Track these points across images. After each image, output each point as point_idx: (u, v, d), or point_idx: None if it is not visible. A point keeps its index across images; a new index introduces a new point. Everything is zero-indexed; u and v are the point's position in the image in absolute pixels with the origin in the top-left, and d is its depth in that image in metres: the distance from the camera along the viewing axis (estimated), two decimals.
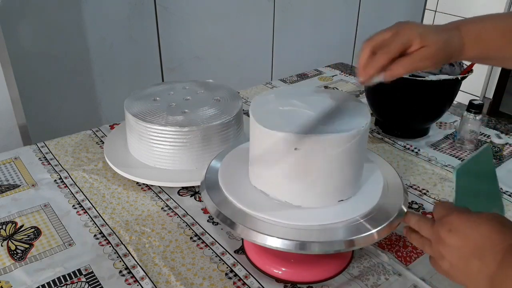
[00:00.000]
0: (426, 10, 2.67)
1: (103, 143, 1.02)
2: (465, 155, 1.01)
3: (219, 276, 0.69)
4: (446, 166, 0.97)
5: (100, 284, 0.67)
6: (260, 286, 0.68)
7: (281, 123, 0.62)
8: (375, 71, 0.65)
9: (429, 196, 0.88)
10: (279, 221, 0.62)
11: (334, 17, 2.31)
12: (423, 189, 0.90)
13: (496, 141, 1.00)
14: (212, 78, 1.09)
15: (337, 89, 1.36)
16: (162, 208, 0.83)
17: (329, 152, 0.60)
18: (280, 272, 0.69)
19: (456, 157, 1.00)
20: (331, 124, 0.62)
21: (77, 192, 0.87)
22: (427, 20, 2.67)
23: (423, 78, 0.98)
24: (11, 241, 0.75)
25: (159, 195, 0.87)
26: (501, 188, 0.90)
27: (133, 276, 0.69)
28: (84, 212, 0.82)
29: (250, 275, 0.69)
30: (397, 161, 0.99)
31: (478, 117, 0.99)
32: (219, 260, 0.72)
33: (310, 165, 0.61)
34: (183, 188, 0.89)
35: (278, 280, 0.68)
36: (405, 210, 0.66)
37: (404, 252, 0.74)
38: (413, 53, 0.64)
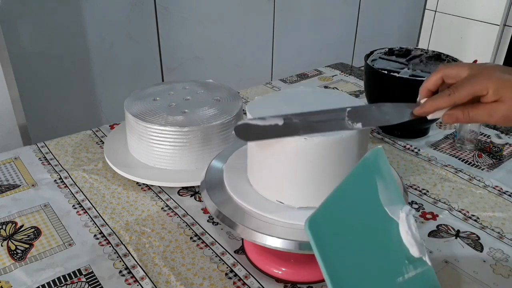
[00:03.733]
0: (426, 10, 2.67)
1: (103, 143, 1.02)
2: (465, 155, 1.01)
3: (219, 276, 0.69)
4: (446, 166, 0.97)
5: (100, 284, 0.67)
6: (260, 286, 0.68)
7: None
8: (433, 109, 0.59)
9: (429, 196, 0.88)
10: (279, 221, 0.62)
11: (334, 17, 2.31)
12: (423, 189, 0.90)
13: (496, 141, 1.00)
14: (212, 78, 1.09)
15: (337, 89, 1.36)
16: (162, 208, 0.83)
17: (329, 153, 0.60)
18: (280, 272, 0.69)
19: (456, 157, 1.00)
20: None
21: (77, 192, 0.87)
22: (427, 20, 2.67)
23: (423, 78, 0.98)
24: (11, 241, 0.75)
25: (159, 195, 0.87)
26: (497, 187, 0.90)
27: (133, 276, 0.69)
28: (84, 212, 0.82)
29: (250, 275, 0.69)
30: (397, 161, 0.99)
31: None
32: (219, 260, 0.72)
33: (309, 165, 0.61)
34: (183, 188, 0.89)
35: (278, 280, 0.68)
36: None
37: None
38: (484, 105, 0.56)
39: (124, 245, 0.74)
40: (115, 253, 0.73)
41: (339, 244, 0.49)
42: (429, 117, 0.61)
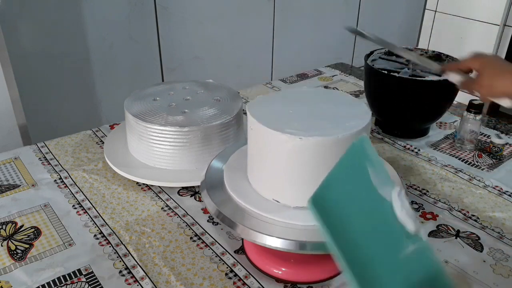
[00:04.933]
0: (426, 10, 2.67)
1: (103, 143, 1.02)
2: (465, 155, 1.01)
3: (219, 276, 0.69)
4: (446, 166, 0.97)
5: (100, 284, 0.67)
6: (260, 286, 0.68)
7: (279, 122, 0.62)
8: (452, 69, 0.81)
9: (429, 196, 0.88)
10: (280, 221, 0.62)
11: (334, 17, 2.31)
12: (423, 189, 0.90)
13: (496, 141, 1.00)
14: (212, 78, 1.09)
15: (337, 89, 1.36)
16: (162, 208, 0.83)
17: (329, 153, 0.60)
18: (280, 272, 0.69)
19: (456, 157, 1.00)
20: (330, 125, 0.62)
21: (77, 192, 0.87)
22: (427, 20, 2.67)
23: (423, 78, 0.98)
24: (11, 241, 0.75)
25: (159, 195, 0.87)
26: (497, 187, 0.90)
27: (133, 276, 0.69)
28: (84, 212, 0.82)
29: (250, 275, 0.69)
30: (397, 161, 0.99)
31: (478, 117, 0.99)
32: (219, 260, 0.72)
33: (305, 165, 0.61)
34: (183, 188, 0.89)
35: (278, 280, 0.68)
36: None
37: None
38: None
39: (124, 245, 0.74)
40: (115, 253, 0.73)
41: (340, 222, 0.49)
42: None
